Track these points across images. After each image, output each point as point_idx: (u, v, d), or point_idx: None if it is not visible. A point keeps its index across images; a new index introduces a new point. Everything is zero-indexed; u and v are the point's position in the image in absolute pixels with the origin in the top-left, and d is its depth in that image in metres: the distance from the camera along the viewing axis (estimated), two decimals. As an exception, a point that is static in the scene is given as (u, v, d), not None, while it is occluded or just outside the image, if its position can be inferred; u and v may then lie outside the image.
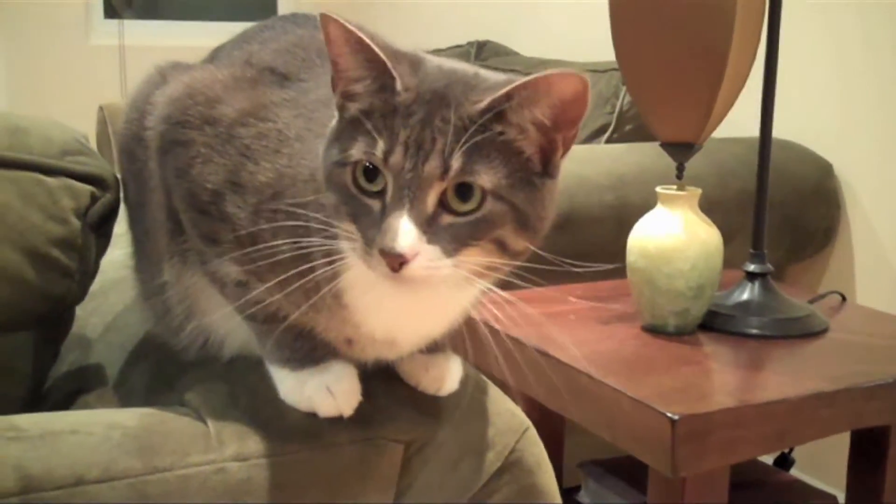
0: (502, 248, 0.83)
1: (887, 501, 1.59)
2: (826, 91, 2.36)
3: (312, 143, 0.89)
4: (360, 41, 0.81)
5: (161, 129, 0.96)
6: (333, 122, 0.86)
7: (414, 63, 0.84)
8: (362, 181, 0.81)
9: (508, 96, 0.80)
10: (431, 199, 0.80)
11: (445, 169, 0.79)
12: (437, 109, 0.80)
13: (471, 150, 0.79)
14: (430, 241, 0.79)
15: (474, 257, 0.81)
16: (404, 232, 0.78)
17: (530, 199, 0.82)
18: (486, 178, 0.80)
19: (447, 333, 0.98)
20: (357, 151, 0.81)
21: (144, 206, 1.06)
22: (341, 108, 0.85)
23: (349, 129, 0.83)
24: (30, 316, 1.05)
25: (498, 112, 0.80)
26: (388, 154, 0.80)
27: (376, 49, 0.81)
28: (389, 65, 0.81)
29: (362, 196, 0.82)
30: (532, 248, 0.85)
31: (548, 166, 0.84)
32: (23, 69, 4.29)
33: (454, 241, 0.80)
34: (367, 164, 0.81)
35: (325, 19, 0.81)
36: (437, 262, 0.80)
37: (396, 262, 0.78)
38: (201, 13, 4.74)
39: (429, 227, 0.79)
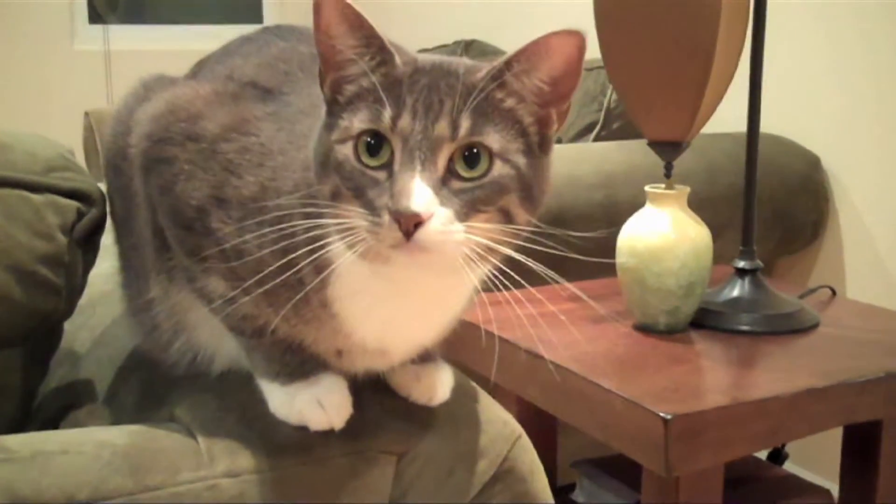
0: (508, 217, 0.83)
1: (880, 495, 1.59)
2: (812, 84, 2.36)
3: (294, 156, 0.89)
4: (357, 15, 0.81)
5: (143, 147, 0.96)
6: (321, 121, 0.86)
7: (405, 49, 0.85)
8: (365, 157, 0.81)
9: (509, 64, 0.81)
10: (442, 161, 0.80)
11: (455, 129, 0.80)
12: (442, 77, 0.82)
13: (477, 113, 0.80)
14: (442, 204, 0.79)
15: (483, 225, 0.81)
16: (419, 191, 0.77)
17: (533, 168, 0.84)
18: (493, 139, 0.81)
19: (438, 342, 0.98)
20: (360, 122, 0.81)
21: (130, 221, 1.05)
22: (332, 99, 0.85)
23: (346, 109, 0.83)
24: (17, 333, 1.05)
25: (500, 80, 0.81)
26: (396, 119, 0.80)
27: (373, 26, 0.82)
28: (386, 41, 0.82)
29: (366, 171, 0.81)
30: (533, 221, 0.85)
31: (543, 140, 0.85)
32: (7, 75, 4.27)
33: (464, 206, 0.80)
34: (370, 139, 0.81)
35: (318, 2, 0.81)
36: (450, 227, 0.79)
37: (411, 224, 0.77)
38: (186, 17, 4.72)
39: (440, 190, 0.79)
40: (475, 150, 0.80)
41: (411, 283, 0.87)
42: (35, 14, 4.31)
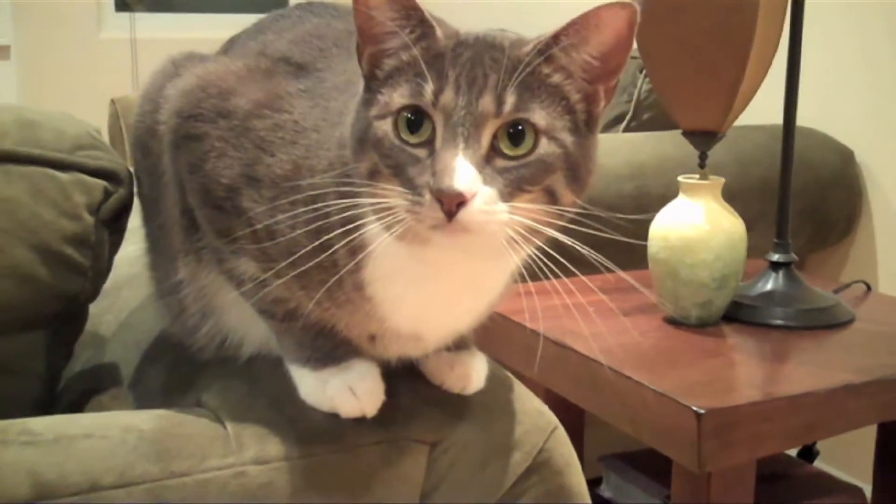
0: (553, 197, 0.80)
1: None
2: (847, 77, 2.33)
3: (329, 133, 0.87)
4: None
5: (173, 124, 0.94)
6: (358, 96, 0.83)
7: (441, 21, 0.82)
8: (405, 133, 0.79)
9: (556, 38, 0.78)
10: (486, 138, 0.77)
11: (500, 104, 0.77)
12: (486, 50, 0.79)
13: (522, 89, 0.77)
14: (485, 183, 0.76)
15: (527, 205, 0.78)
16: (462, 169, 0.75)
17: (579, 146, 0.81)
18: (539, 115, 0.78)
19: (473, 329, 0.96)
20: (400, 97, 0.79)
21: (158, 201, 1.03)
22: (370, 74, 0.82)
23: (386, 84, 0.81)
24: (42, 315, 1.03)
25: (547, 54, 0.79)
26: (438, 94, 0.77)
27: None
28: (426, 13, 0.79)
29: (406, 147, 0.78)
30: (578, 202, 0.82)
31: (589, 118, 0.82)
32: (34, 63, 4.28)
33: (509, 185, 0.77)
34: (410, 115, 0.78)
35: None
36: (493, 206, 0.76)
37: (454, 203, 0.74)
38: (212, 5, 4.72)
39: (484, 168, 0.76)
40: (520, 127, 0.78)
41: (449, 267, 0.84)
42: (62, 2, 4.32)
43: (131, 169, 1.09)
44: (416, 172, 0.77)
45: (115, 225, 1.07)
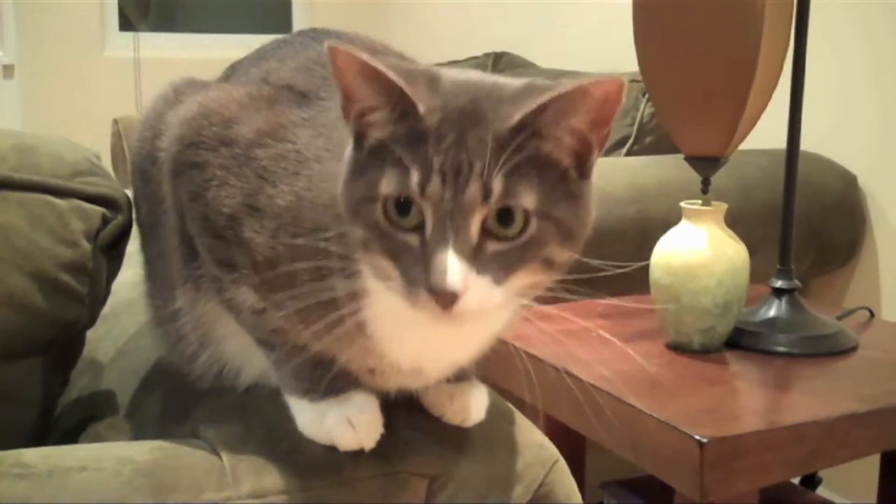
0: (549, 265, 0.79)
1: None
2: (850, 102, 2.33)
3: (332, 165, 0.85)
4: (374, 71, 0.76)
5: (174, 151, 0.93)
6: (349, 149, 0.81)
7: (431, 81, 0.79)
8: (394, 216, 0.77)
9: (543, 108, 0.75)
10: (475, 228, 0.75)
11: (487, 193, 0.75)
12: (469, 129, 0.76)
13: (510, 171, 0.75)
14: (479, 272, 0.75)
15: (522, 280, 0.78)
16: (453, 268, 0.73)
17: (572, 210, 0.79)
18: (528, 199, 0.76)
19: (474, 361, 0.95)
20: (388, 185, 0.76)
21: (157, 228, 1.03)
22: (358, 136, 0.80)
23: (372, 160, 0.78)
24: (38, 342, 1.03)
25: (533, 128, 0.76)
26: (424, 184, 0.75)
27: (392, 76, 0.75)
28: (408, 90, 0.76)
29: (397, 232, 0.77)
30: (576, 256, 0.81)
31: (582, 168, 0.80)
32: (38, 81, 4.29)
33: (502, 267, 0.76)
34: (400, 197, 0.76)
35: (333, 51, 0.76)
36: (488, 294, 0.76)
37: (448, 301, 0.74)
38: (217, 26, 4.74)
39: (476, 257, 0.75)
40: (510, 211, 0.76)
41: None
42: (66, 21, 4.33)
43: (130, 195, 1.08)
44: (409, 262, 0.76)
45: (113, 252, 1.07)
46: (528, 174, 0.76)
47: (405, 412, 0.94)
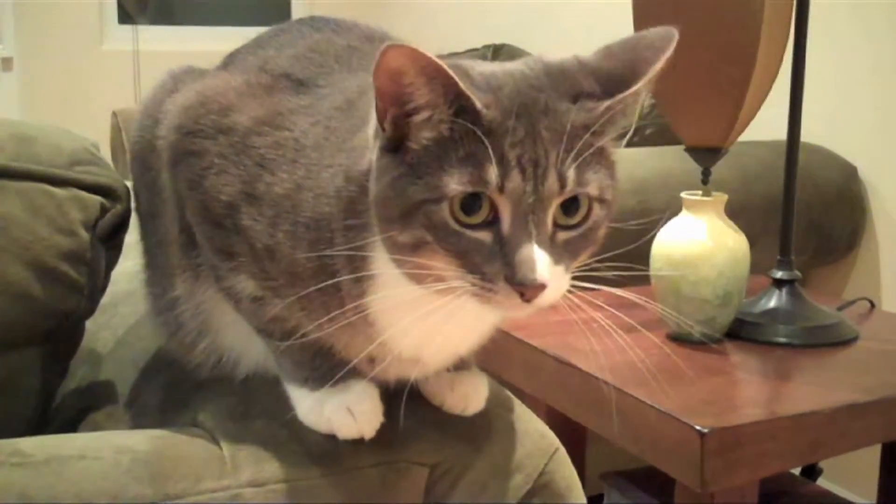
0: (595, 245, 0.81)
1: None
2: (851, 93, 2.32)
3: (330, 153, 0.85)
4: (437, 68, 0.73)
5: (172, 139, 0.93)
6: (374, 155, 0.79)
7: (466, 75, 0.77)
8: (461, 216, 0.75)
9: (620, 101, 0.78)
10: (550, 218, 0.76)
11: (563, 183, 0.75)
12: (538, 119, 0.75)
13: (578, 159, 0.75)
14: (556, 263, 0.76)
15: (580, 262, 0.79)
16: (541, 261, 0.74)
17: (614, 190, 0.80)
18: (594, 186, 0.77)
19: (475, 350, 0.94)
20: (457, 184, 0.74)
21: (157, 217, 1.02)
22: (396, 139, 0.77)
23: (425, 161, 0.76)
24: (37, 332, 1.02)
25: (604, 119, 0.77)
26: (503, 179, 0.74)
27: (451, 73, 0.73)
28: (461, 85, 0.74)
29: (467, 230, 0.75)
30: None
31: (619, 143, 0.82)
32: (37, 74, 4.29)
33: (571, 255, 0.78)
34: (468, 194, 0.75)
35: (392, 51, 0.72)
36: (564, 282, 0.77)
37: (536, 293, 0.74)
38: (215, 18, 4.74)
39: (552, 248, 0.76)
40: (576, 199, 0.77)
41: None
42: (65, 14, 4.34)
43: (129, 184, 1.08)
44: (482, 259, 0.75)
45: (111, 241, 1.06)
46: (590, 161, 0.77)
47: (406, 401, 0.93)
